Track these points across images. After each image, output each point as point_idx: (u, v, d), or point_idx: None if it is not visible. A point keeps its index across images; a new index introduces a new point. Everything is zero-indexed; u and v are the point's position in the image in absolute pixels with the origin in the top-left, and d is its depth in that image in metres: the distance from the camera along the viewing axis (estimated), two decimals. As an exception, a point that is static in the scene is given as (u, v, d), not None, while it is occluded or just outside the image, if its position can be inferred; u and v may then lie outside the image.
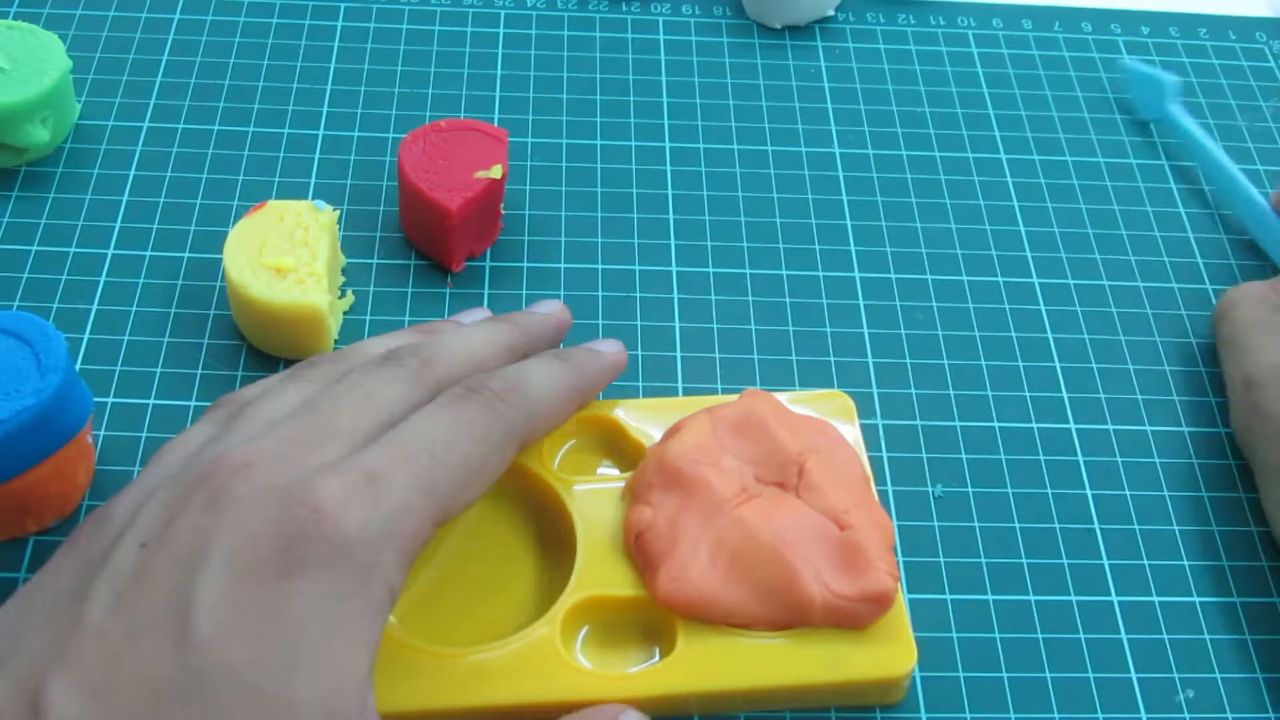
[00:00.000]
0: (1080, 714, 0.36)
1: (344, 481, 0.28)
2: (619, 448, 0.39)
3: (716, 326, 0.44)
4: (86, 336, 0.42)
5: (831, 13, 0.56)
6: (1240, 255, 0.49)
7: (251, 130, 0.49)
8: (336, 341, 0.42)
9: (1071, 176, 0.51)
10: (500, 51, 0.53)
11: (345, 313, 0.43)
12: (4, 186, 0.46)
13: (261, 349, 0.42)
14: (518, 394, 0.33)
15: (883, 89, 0.53)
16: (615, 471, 0.39)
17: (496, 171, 0.43)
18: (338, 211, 0.43)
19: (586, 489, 0.37)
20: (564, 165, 0.49)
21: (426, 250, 0.45)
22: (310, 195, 0.47)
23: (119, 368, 0.41)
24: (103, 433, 0.40)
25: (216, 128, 0.49)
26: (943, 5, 0.58)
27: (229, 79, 0.51)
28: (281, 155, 0.48)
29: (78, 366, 0.41)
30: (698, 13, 0.56)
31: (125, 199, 0.46)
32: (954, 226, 0.48)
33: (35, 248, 0.44)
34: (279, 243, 0.40)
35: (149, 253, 0.45)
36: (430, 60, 0.52)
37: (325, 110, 0.50)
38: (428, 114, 0.50)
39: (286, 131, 0.49)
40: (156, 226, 0.45)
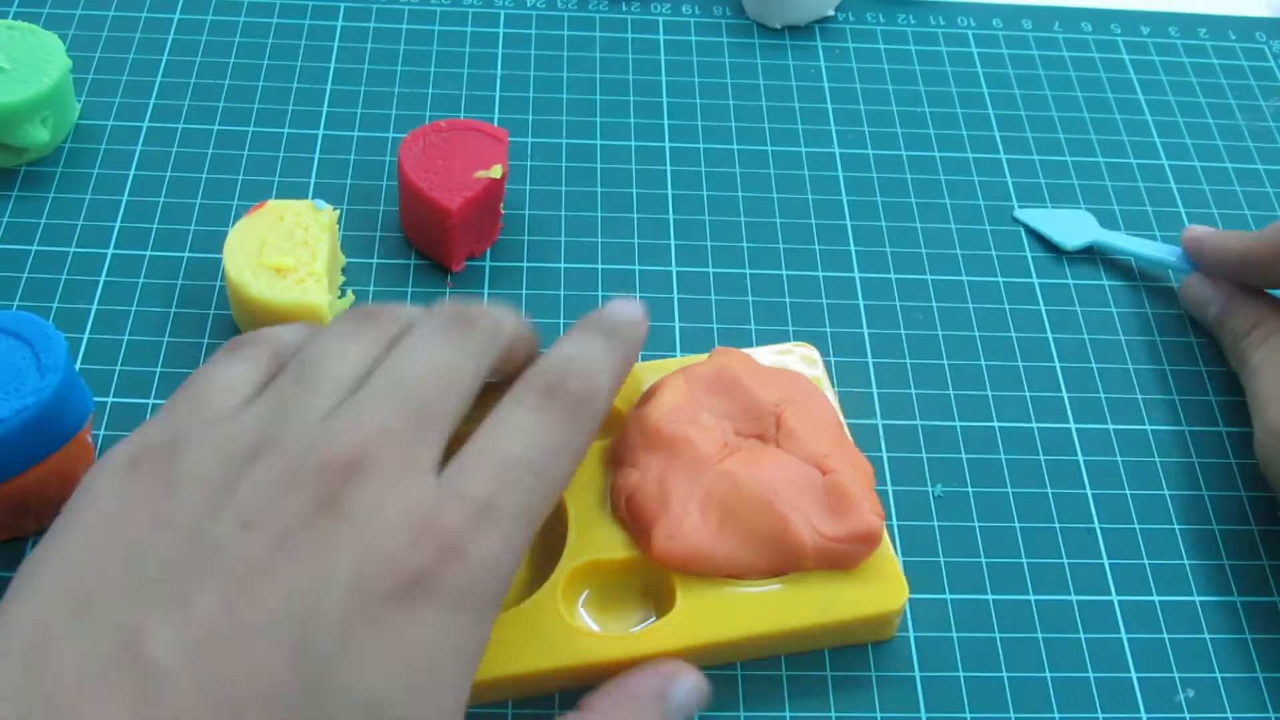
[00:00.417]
0: (1080, 714, 0.36)
1: (465, 514, 0.27)
2: None
3: (716, 327, 0.44)
4: (86, 336, 0.42)
5: (831, 13, 0.56)
6: (1240, 255, 0.49)
7: (251, 130, 0.49)
8: (336, 341, 0.42)
9: (1071, 176, 0.51)
10: (500, 51, 0.53)
11: (345, 313, 0.43)
12: (4, 186, 0.46)
13: (261, 349, 0.42)
14: (592, 396, 0.31)
15: (883, 89, 0.53)
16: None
17: (496, 171, 0.43)
18: (338, 211, 0.43)
19: None
20: (564, 165, 0.49)
21: (426, 250, 0.45)
22: (310, 195, 0.47)
23: (119, 368, 0.41)
24: (103, 433, 0.40)
25: (216, 128, 0.49)
26: (943, 5, 0.58)
27: (229, 79, 0.51)
28: (281, 155, 0.48)
29: (78, 366, 0.41)
30: (698, 13, 0.56)
31: (125, 199, 0.46)
32: (954, 226, 0.48)
33: (35, 248, 0.44)
34: (279, 242, 0.40)
35: (149, 253, 0.45)
36: (430, 60, 0.52)
37: (325, 110, 0.50)
38: (428, 114, 0.50)
39: (286, 131, 0.49)
40: (156, 226, 0.45)
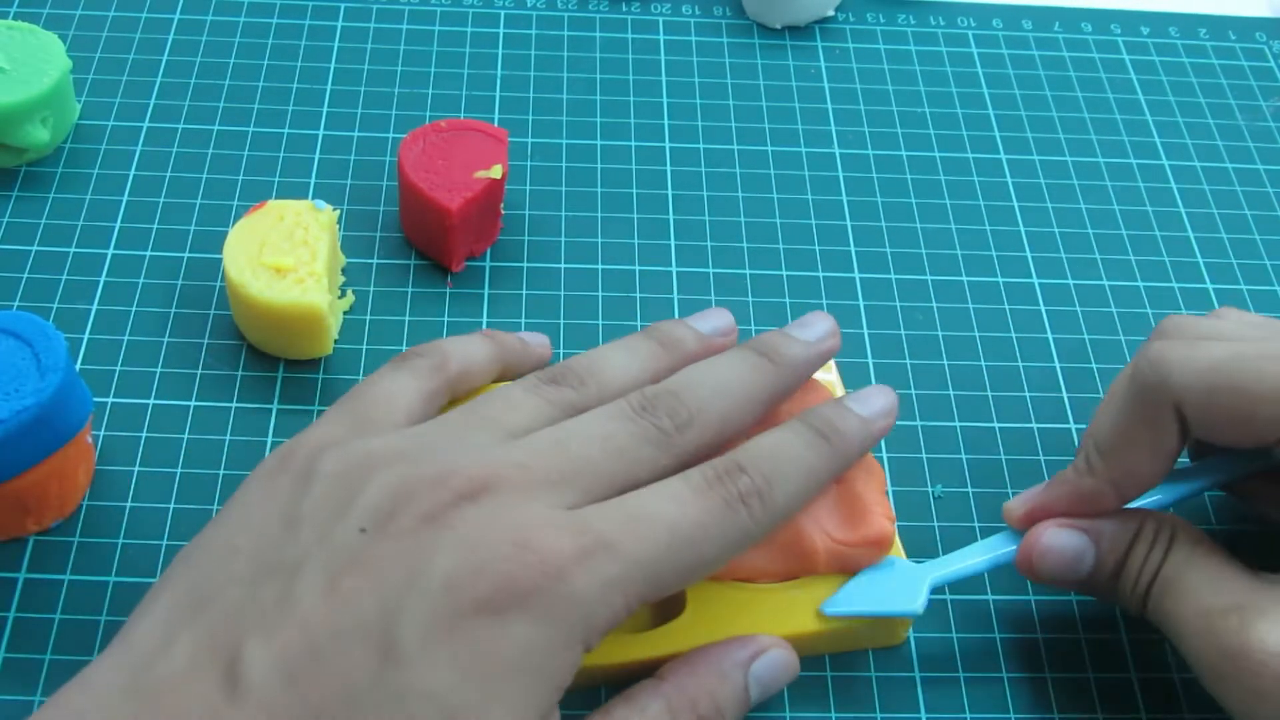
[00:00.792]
0: (1080, 714, 0.36)
1: (579, 543, 0.28)
2: None
3: (716, 326, 0.44)
4: (86, 336, 0.42)
5: (831, 13, 0.56)
6: (1240, 255, 0.49)
7: (251, 130, 0.49)
8: (336, 342, 0.42)
9: (1071, 176, 0.51)
10: (500, 51, 0.53)
11: (345, 313, 0.43)
12: (4, 186, 0.46)
13: (261, 349, 0.42)
14: (769, 498, 0.31)
15: (883, 89, 0.53)
16: None
17: (496, 171, 0.43)
18: (338, 211, 0.43)
19: None
20: (564, 165, 0.49)
21: (426, 250, 0.45)
22: (310, 195, 0.47)
23: (119, 368, 0.41)
24: (103, 433, 0.40)
25: (216, 128, 0.49)
26: (943, 5, 0.58)
27: (229, 79, 0.51)
28: (281, 155, 0.48)
29: (78, 366, 0.41)
30: (698, 13, 0.56)
31: (125, 199, 0.46)
32: (954, 227, 0.48)
33: (35, 248, 0.44)
34: (279, 242, 0.40)
35: (149, 253, 0.45)
36: (430, 60, 0.52)
37: (325, 110, 0.50)
38: (428, 114, 0.50)
39: (286, 131, 0.49)
40: (156, 226, 0.45)
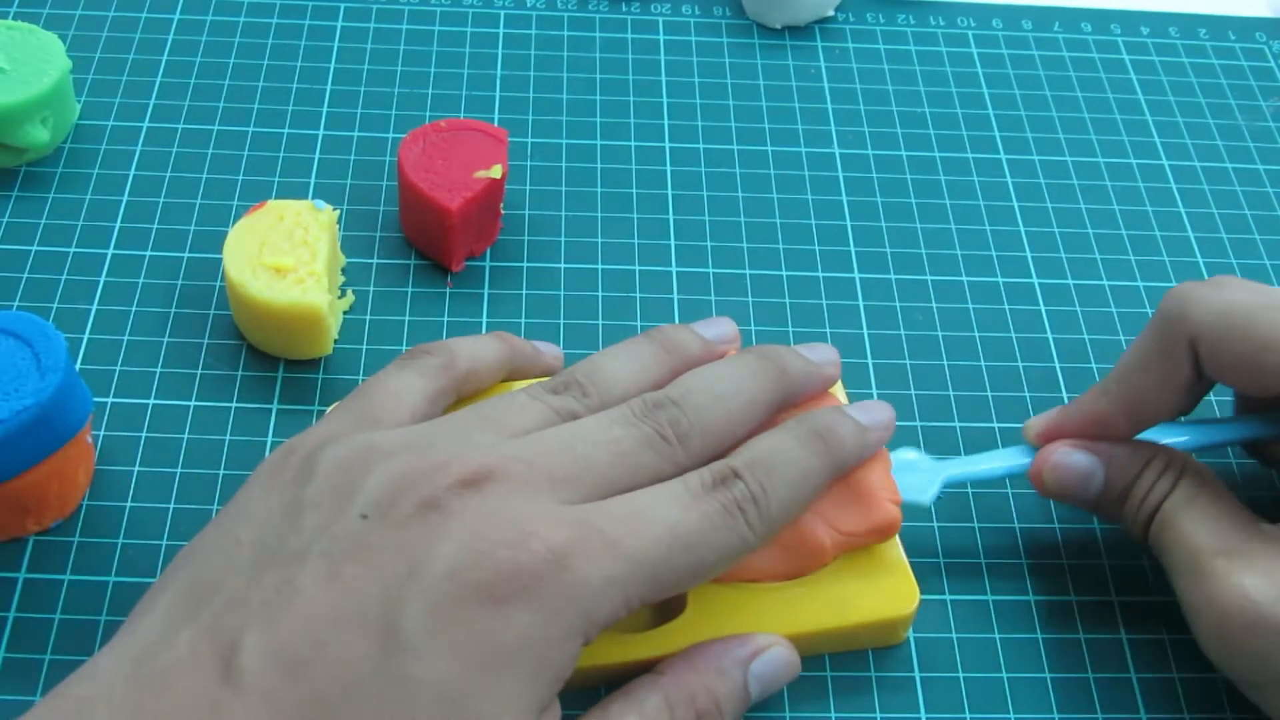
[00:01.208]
0: (1080, 714, 0.36)
1: (580, 536, 0.28)
2: None
3: (716, 327, 0.44)
4: (86, 336, 0.42)
5: (831, 13, 0.56)
6: (1240, 255, 0.49)
7: (251, 130, 0.49)
8: (336, 342, 0.42)
9: (1071, 176, 0.51)
10: (500, 51, 0.53)
11: (345, 313, 0.43)
12: (4, 186, 0.46)
13: (261, 349, 0.42)
14: (765, 504, 0.31)
15: (882, 89, 0.53)
16: None
17: (496, 171, 0.43)
18: (337, 211, 0.43)
19: None
20: (564, 165, 0.49)
21: (426, 250, 0.45)
22: (310, 195, 0.47)
23: (119, 368, 0.41)
24: (103, 433, 0.40)
25: (216, 128, 0.49)
26: (943, 5, 0.58)
27: (229, 79, 0.51)
28: (281, 155, 0.48)
29: (78, 366, 0.41)
30: (698, 13, 0.56)
31: (125, 199, 0.46)
32: (954, 227, 0.48)
33: (35, 248, 0.44)
34: (279, 242, 0.40)
35: (149, 253, 0.45)
36: (430, 60, 0.52)
37: (325, 110, 0.50)
38: (428, 114, 0.50)
39: (286, 131, 0.49)
40: (156, 226, 0.45)
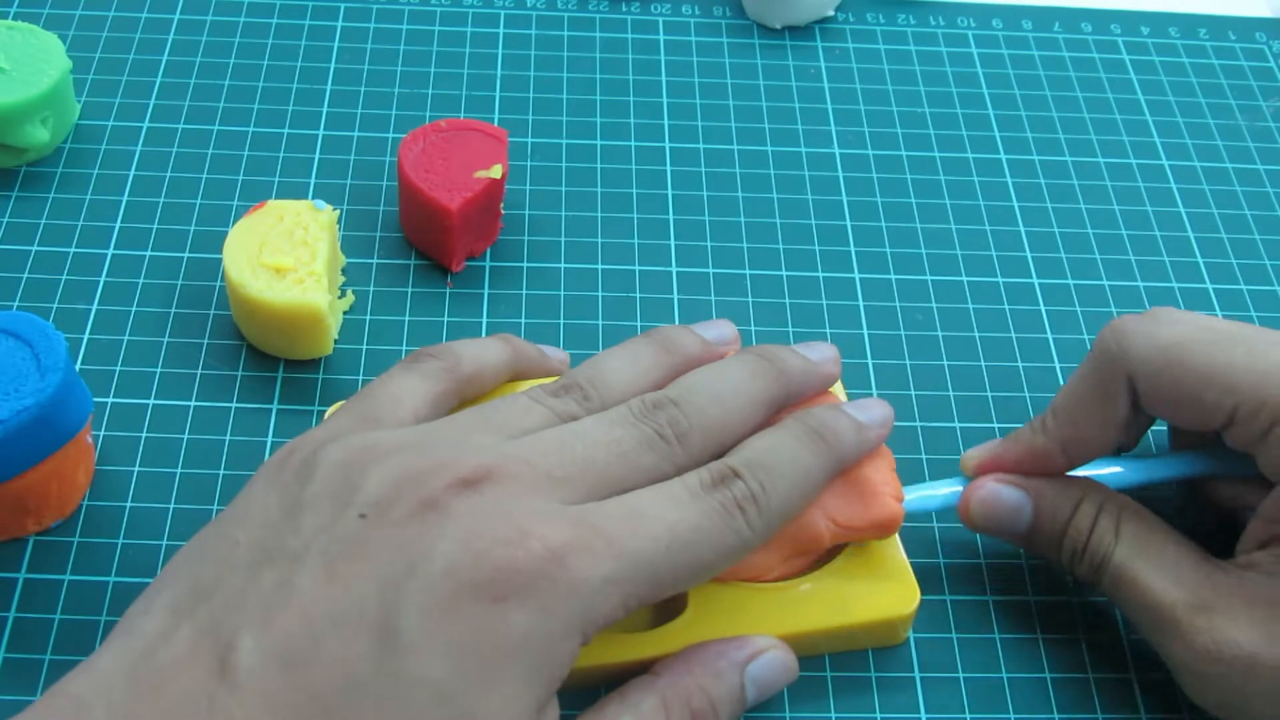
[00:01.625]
0: (1080, 714, 0.36)
1: (579, 535, 0.28)
2: None
3: (716, 327, 0.44)
4: (86, 336, 0.42)
5: (831, 13, 0.56)
6: (1240, 255, 0.49)
7: (251, 130, 0.49)
8: (336, 342, 0.42)
9: (1071, 176, 0.51)
10: (500, 51, 0.53)
11: (345, 313, 0.43)
12: (4, 186, 0.46)
13: (261, 349, 0.42)
14: (764, 503, 0.31)
15: (883, 89, 0.53)
16: None
17: (496, 171, 0.43)
18: (337, 211, 0.43)
19: None
20: (564, 165, 0.49)
21: (426, 250, 0.45)
22: (310, 195, 0.47)
23: (119, 368, 0.41)
24: (103, 433, 0.40)
25: (216, 128, 0.49)
26: (943, 5, 0.58)
27: (229, 79, 0.51)
28: (281, 155, 0.48)
29: (78, 366, 0.41)
30: (698, 13, 0.56)
31: (125, 199, 0.46)
32: (954, 227, 0.48)
33: (35, 248, 0.44)
34: (279, 242, 0.40)
35: (149, 253, 0.45)
36: (430, 60, 0.52)
37: (325, 110, 0.50)
38: (428, 114, 0.50)
39: (286, 131, 0.49)
40: (156, 226, 0.45)
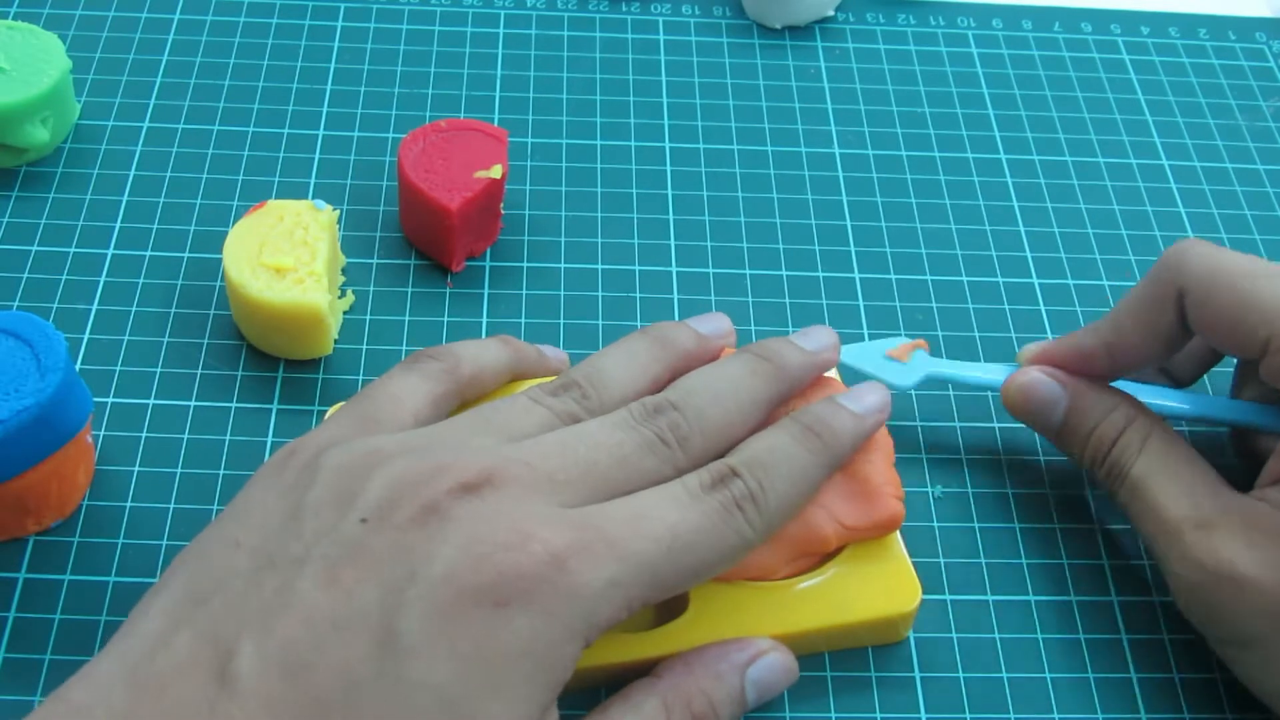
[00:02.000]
0: (1080, 714, 0.36)
1: (581, 538, 0.28)
2: None
3: (716, 326, 0.44)
4: (86, 336, 0.42)
5: (831, 13, 0.56)
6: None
7: (251, 130, 0.49)
8: (336, 342, 0.42)
9: (1071, 176, 0.51)
10: (500, 51, 0.53)
11: (345, 313, 0.43)
12: (4, 186, 0.46)
13: (261, 349, 0.42)
14: (764, 502, 0.31)
15: (883, 89, 0.53)
16: None
17: (496, 171, 0.43)
18: (337, 211, 0.43)
19: None
20: (564, 165, 0.49)
21: (426, 250, 0.45)
22: (310, 195, 0.47)
23: (119, 368, 0.41)
24: (103, 433, 0.40)
25: (216, 128, 0.49)
26: (943, 5, 0.58)
27: (229, 79, 0.51)
28: (281, 155, 0.48)
29: (78, 366, 0.41)
30: (698, 13, 0.56)
31: (125, 199, 0.46)
32: (954, 227, 0.48)
33: (35, 248, 0.44)
34: (279, 242, 0.40)
35: (149, 253, 0.45)
36: (430, 60, 0.52)
37: (325, 110, 0.50)
38: (428, 114, 0.50)
39: (286, 131, 0.49)
40: (156, 226, 0.45)
